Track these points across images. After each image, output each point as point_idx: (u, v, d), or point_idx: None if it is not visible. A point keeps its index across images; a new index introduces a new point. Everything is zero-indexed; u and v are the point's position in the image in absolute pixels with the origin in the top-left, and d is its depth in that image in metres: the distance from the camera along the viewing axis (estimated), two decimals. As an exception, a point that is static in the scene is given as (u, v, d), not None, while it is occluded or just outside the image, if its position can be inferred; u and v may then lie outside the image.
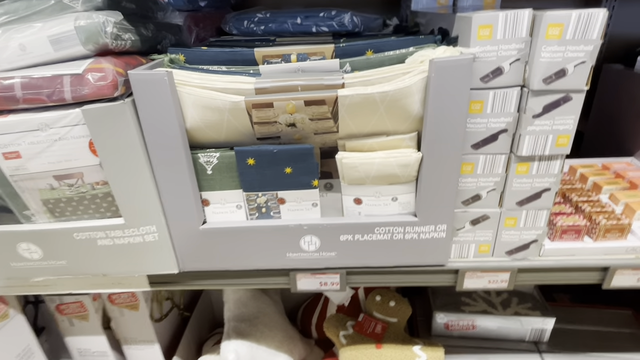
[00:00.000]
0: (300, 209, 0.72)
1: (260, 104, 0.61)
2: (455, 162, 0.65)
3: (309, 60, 0.70)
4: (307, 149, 0.65)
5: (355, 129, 0.66)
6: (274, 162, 0.66)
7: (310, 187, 0.69)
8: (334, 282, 0.79)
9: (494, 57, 0.60)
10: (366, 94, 0.60)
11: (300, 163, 0.66)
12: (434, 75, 0.58)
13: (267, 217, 0.73)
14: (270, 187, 0.69)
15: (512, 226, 0.73)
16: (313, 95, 0.60)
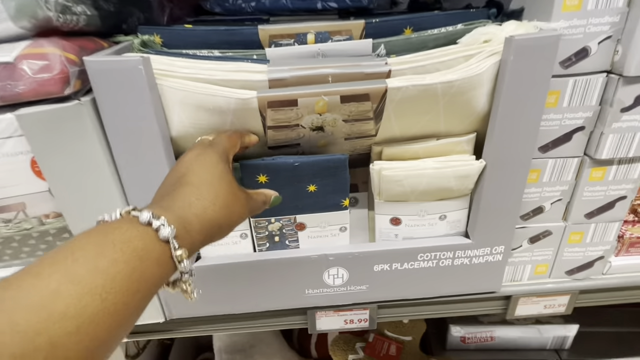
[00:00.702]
0: (324, 235, 0.56)
1: (279, 102, 0.44)
2: (523, 169, 0.51)
3: (331, 40, 0.53)
4: (340, 161, 0.49)
5: (398, 131, 0.50)
6: (294, 178, 0.50)
7: (340, 208, 0.54)
8: (362, 319, 0.64)
9: (580, 35, 0.46)
10: (425, 85, 0.44)
11: (329, 178, 0.50)
12: (512, 59, 0.44)
13: (281, 248, 0.56)
14: (287, 210, 0.53)
15: (577, 242, 0.61)
16: (354, 88, 0.44)
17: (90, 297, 0.21)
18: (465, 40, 0.49)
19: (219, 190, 0.33)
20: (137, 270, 0.24)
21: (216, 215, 0.32)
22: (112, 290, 0.23)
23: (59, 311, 0.20)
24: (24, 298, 0.20)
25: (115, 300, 0.23)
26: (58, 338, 0.20)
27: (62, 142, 0.43)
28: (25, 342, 0.18)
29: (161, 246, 0.27)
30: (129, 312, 0.24)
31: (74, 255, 0.23)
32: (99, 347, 0.22)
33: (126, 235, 0.25)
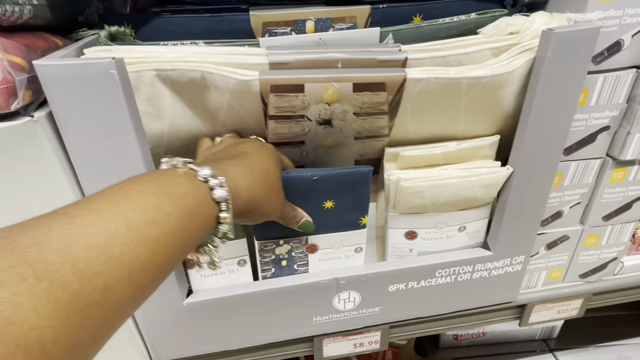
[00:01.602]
0: (337, 257, 0.49)
1: (283, 86, 0.37)
2: (550, 173, 0.47)
3: (332, 29, 0.47)
4: (364, 174, 0.42)
5: (413, 130, 0.44)
6: (311, 194, 0.42)
7: (357, 226, 0.47)
8: (373, 342, 0.58)
9: (615, 27, 0.42)
10: (449, 79, 0.38)
11: (349, 194, 0.44)
12: (550, 55, 0.38)
13: (288, 273, 0.49)
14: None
15: (592, 245, 0.58)
16: (370, 75, 0.37)
17: (143, 247, 0.22)
18: (488, 30, 0.44)
19: (270, 174, 0.34)
20: (186, 228, 0.24)
21: (261, 193, 0.32)
22: (163, 243, 0.23)
23: (116, 256, 0.20)
24: (86, 235, 0.20)
25: (163, 253, 0.23)
26: (111, 282, 0.20)
27: (13, 171, 0.34)
28: (83, 281, 0.19)
29: (211, 206, 0.27)
30: (170, 266, 0.24)
31: (134, 203, 0.23)
32: (140, 295, 0.22)
33: (182, 189, 0.25)
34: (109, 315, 0.20)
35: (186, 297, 0.47)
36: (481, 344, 1.09)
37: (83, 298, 0.18)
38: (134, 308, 0.23)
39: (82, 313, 0.18)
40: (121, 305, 0.21)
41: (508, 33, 0.42)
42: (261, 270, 0.48)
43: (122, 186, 0.24)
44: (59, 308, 0.17)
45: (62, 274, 0.18)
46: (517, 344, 1.10)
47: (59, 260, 0.18)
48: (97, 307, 0.19)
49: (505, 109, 0.44)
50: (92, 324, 0.19)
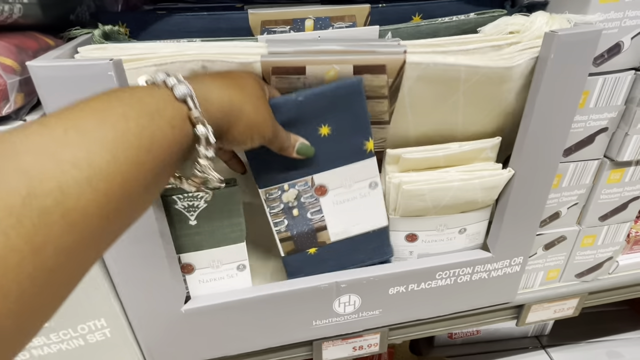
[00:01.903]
0: (353, 197, 0.45)
1: (285, 68, 0.37)
2: (550, 175, 0.47)
3: (332, 27, 0.46)
4: (353, 85, 0.39)
5: (412, 120, 0.44)
6: (301, 120, 0.39)
7: (363, 154, 0.43)
8: (372, 344, 0.58)
9: (615, 29, 0.42)
10: (447, 65, 0.39)
11: (344, 113, 0.40)
12: (552, 57, 0.38)
13: (303, 224, 0.46)
14: (300, 167, 0.42)
15: (589, 245, 0.58)
16: (370, 57, 0.38)
17: (98, 149, 0.20)
18: (488, 30, 0.43)
19: (249, 82, 0.32)
20: (147, 129, 0.22)
21: (240, 97, 0.30)
22: (122, 146, 0.21)
23: (67, 159, 0.19)
24: (31, 143, 0.18)
25: (126, 156, 0.21)
26: (67, 187, 0.18)
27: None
28: (34, 185, 0.17)
29: (176, 105, 0.25)
30: (142, 176, 0.22)
31: (82, 111, 0.21)
32: (115, 208, 0.20)
33: (135, 93, 0.23)
34: (73, 224, 0.18)
35: (184, 304, 0.46)
36: (475, 341, 1.10)
37: (36, 202, 0.17)
38: (111, 222, 0.21)
39: (37, 219, 0.17)
40: (88, 213, 0.19)
41: (508, 32, 0.42)
42: (274, 224, 0.45)
43: (68, 104, 0.22)
44: (8, 209, 0.16)
45: (5, 179, 0.17)
46: (510, 341, 1.11)
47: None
48: (56, 213, 0.17)
49: (504, 106, 0.43)
50: (53, 232, 0.17)
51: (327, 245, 0.47)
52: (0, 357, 0.17)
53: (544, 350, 1.05)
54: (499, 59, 0.39)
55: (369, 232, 0.48)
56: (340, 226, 0.46)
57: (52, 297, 0.19)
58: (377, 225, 0.48)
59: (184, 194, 0.41)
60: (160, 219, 0.40)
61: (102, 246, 0.21)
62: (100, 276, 0.40)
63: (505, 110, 0.44)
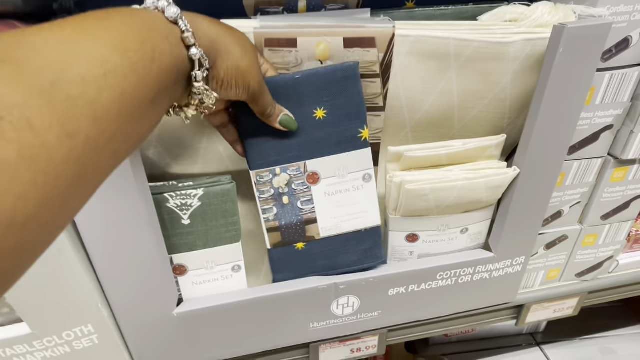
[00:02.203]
0: (345, 189, 0.44)
1: (277, 40, 0.37)
2: (555, 173, 0.46)
3: (324, 9, 0.45)
4: (350, 68, 0.39)
5: (406, 106, 0.43)
6: (297, 99, 0.39)
7: (358, 142, 0.42)
8: (371, 346, 0.57)
9: (624, 23, 0.41)
10: (437, 39, 0.38)
11: (340, 96, 0.40)
12: (561, 51, 0.37)
13: (293, 213, 0.44)
14: (294, 150, 0.41)
15: (590, 244, 0.57)
16: (359, 29, 0.37)
17: (108, 48, 0.20)
18: (486, 18, 0.42)
19: (242, 36, 0.32)
20: (148, 40, 0.23)
21: (230, 39, 0.30)
22: (129, 49, 0.21)
23: (83, 54, 0.19)
24: (47, 38, 0.19)
25: (134, 60, 0.21)
26: (89, 78, 0.19)
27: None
28: (58, 72, 0.18)
29: (169, 26, 0.25)
30: (149, 83, 0.22)
31: (83, 19, 0.21)
32: (129, 112, 0.21)
33: (131, 10, 0.24)
34: (98, 118, 0.19)
35: (176, 307, 0.44)
36: (470, 339, 1.10)
37: (62, 88, 0.17)
38: (128, 126, 0.21)
39: (67, 105, 0.17)
40: (108, 109, 0.20)
41: (506, 20, 0.41)
42: (262, 211, 0.43)
43: (74, 15, 0.22)
44: (38, 90, 0.17)
45: (32, 66, 0.17)
46: (505, 339, 1.11)
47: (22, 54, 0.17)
48: (81, 103, 0.18)
49: (499, 89, 0.42)
50: (82, 122, 0.18)
51: (315, 241, 0.45)
52: (29, 248, 0.17)
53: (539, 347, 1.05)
54: (490, 35, 0.39)
55: (361, 230, 0.46)
56: (331, 220, 0.45)
57: (78, 193, 0.19)
58: (370, 223, 0.45)
59: (176, 192, 0.39)
60: (150, 217, 0.38)
61: (120, 153, 0.22)
62: (87, 279, 0.38)
63: (501, 96, 0.43)
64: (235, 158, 0.45)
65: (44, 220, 0.17)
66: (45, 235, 0.18)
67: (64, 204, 0.18)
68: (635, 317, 1.08)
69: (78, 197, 0.20)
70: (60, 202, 0.18)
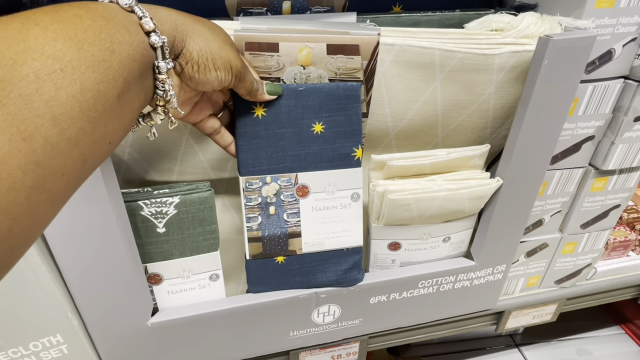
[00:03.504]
0: (332, 205, 0.43)
1: (258, 44, 0.35)
2: (537, 183, 0.46)
3: (309, 11, 0.43)
4: (353, 88, 0.39)
5: (390, 113, 0.42)
6: (298, 111, 0.39)
7: (351, 161, 0.42)
8: (351, 353, 0.56)
9: (608, 35, 0.41)
10: (421, 48, 0.37)
11: (339, 114, 0.40)
12: (547, 62, 0.37)
13: (277, 225, 0.43)
14: (287, 161, 0.40)
15: (569, 252, 0.58)
16: (343, 36, 0.36)
17: (62, 41, 0.19)
18: (473, 26, 0.42)
19: (202, 19, 0.30)
20: (104, 30, 0.21)
21: (194, 23, 0.28)
22: (85, 41, 0.20)
23: (35, 49, 0.18)
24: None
25: (92, 52, 0.20)
26: (43, 74, 0.18)
27: None
28: (6, 70, 0.17)
29: (125, 14, 0.24)
30: (111, 77, 0.21)
31: (33, 13, 0.19)
32: (93, 108, 0.20)
33: (82, 4, 0.22)
34: (57, 117, 0.18)
35: (151, 317, 0.42)
36: (451, 340, 1.11)
37: (13, 86, 0.17)
38: (93, 126, 0.20)
39: (20, 104, 0.17)
40: (69, 107, 0.18)
41: (492, 29, 0.41)
42: (246, 219, 0.42)
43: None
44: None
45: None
46: (485, 340, 1.12)
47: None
48: (37, 100, 0.17)
49: (483, 100, 0.42)
50: (39, 123, 0.17)
51: (296, 256, 0.44)
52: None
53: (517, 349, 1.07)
54: (475, 46, 0.38)
55: (343, 249, 0.45)
56: (315, 236, 0.44)
57: (41, 203, 0.18)
58: (352, 243, 0.45)
59: (150, 200, 0.37)
60: (123, 225, 0.36)
61: (89, 159, 0.20)
62: (55, 287, 0.37)
63: (484, 106, 0.43)
64: (215, 164, 0.44)
65: (1, 234, 0.16)
66: (6, 249, 0.17)
67: (27, 216, 0.17)
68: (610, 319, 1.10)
69: (43, 209, 0.18)
70: (20, 214, 0.16)
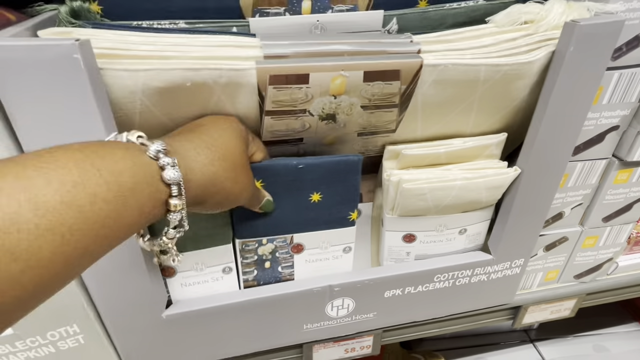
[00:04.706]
0: (325, 258, 0.46)
1: (285, 77, 0.32)
2: (558, 174, 0.45)
3: (331, 10, 0.42)
4: (353, 163, 0.39)
5: (420, 126, 0.41)
6: (295, 184, 0.39)
7: (346, 223, 0.44)
8: (365, 346, 0.56)
9: (636, 20, 0.39)
10: (467, 66, 0.35)
11: (337, 185, 0.40)
12: (572, 49, 0.35)
13: (272, 276, 0.46)
14: (283, 226, 0.42)
15: (590, 246, 0.56)
16: (384, 62, 0.34)
17: (51, 236, 0.18)
18: (500, 19, 0.40)
19: (231, 148, 0.29)
20: (115, 214, 0.20)
21: (223, 172, 0.28)
22: (79, 232, 0.18)
23: (8, 247, 0.16)
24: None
25: (76, 244, 0.19)
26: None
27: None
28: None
29: (157, 189, 0.22)
30: (85, 261, 0.20)
31: (48, 176, 0.18)
32: (35, 296, 0.19)
33: (119, 165, 0.20)
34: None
35: (165, 309, 0.42)
36: (464, 335, 1.10)
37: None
38: (24, 311, 0.19)
39: None
40: (5, 311, 0.17)
41: (522, 22, 0.39)
42: (242, 272, 0.44)
43: (43, 155, 0.19)
44: None
45: None
46: (499, 335, 1.11)
47: None
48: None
49: (517, 102, 0.40)
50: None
51: None
52: None
53: (532, 344, 1.05)
54: (518, 53, 0.36)
55: None
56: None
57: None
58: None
59: None
60: (138, 218, 0.36)
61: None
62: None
63: (517, 107, 0.41)
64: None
65: None
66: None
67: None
68: (629, 315, 1.08)
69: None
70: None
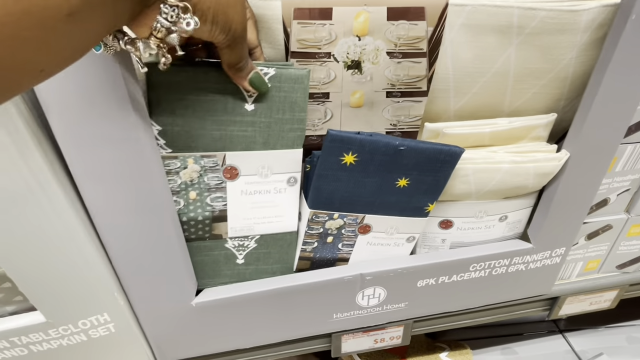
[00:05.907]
0: (387, 243, 0.44)
1: (309, 11, 0.32)
2: (608, 157, 0.42)
3: None
4: (455, 154, 0.37)
5: (452, 94, 0.38)
6: (388, 166, 0.37)
7: (421, 213, 0.42)
8: (395, 337, 0.54)
9: None
10: (497, 7, 0.33)
11: (429, 174, 0.38)
12: (634, 17, 0.32)
13: (330, 251, 0.44)
14: (360, 206, 0.40)
15: (636, 235, 0.53)
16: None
17: None
18: None
19: None
20: None
21: None
22: None
23: None
24: None
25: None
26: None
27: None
28: None
29: None
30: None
31: None
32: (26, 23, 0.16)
33: None
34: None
35: (195, 297, 0.41)
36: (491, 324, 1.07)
37: None
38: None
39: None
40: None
41: None
42: (303, 242, 0.42)
43: None
44: None
45: None
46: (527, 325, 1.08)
47: None
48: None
49: (561, 67, 0.37)
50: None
51: None
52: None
53: (562, 335, 1.02)
54: (560, 2, 0.33)
55: None
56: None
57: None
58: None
59: None
60: (168, 204, 0.35)
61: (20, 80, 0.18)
62: (102, 268, 0.36)
63: (562, 74, 0.38)
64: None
65: None
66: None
67: None
68: (667, 306, 1.03)
69: None
70: None
